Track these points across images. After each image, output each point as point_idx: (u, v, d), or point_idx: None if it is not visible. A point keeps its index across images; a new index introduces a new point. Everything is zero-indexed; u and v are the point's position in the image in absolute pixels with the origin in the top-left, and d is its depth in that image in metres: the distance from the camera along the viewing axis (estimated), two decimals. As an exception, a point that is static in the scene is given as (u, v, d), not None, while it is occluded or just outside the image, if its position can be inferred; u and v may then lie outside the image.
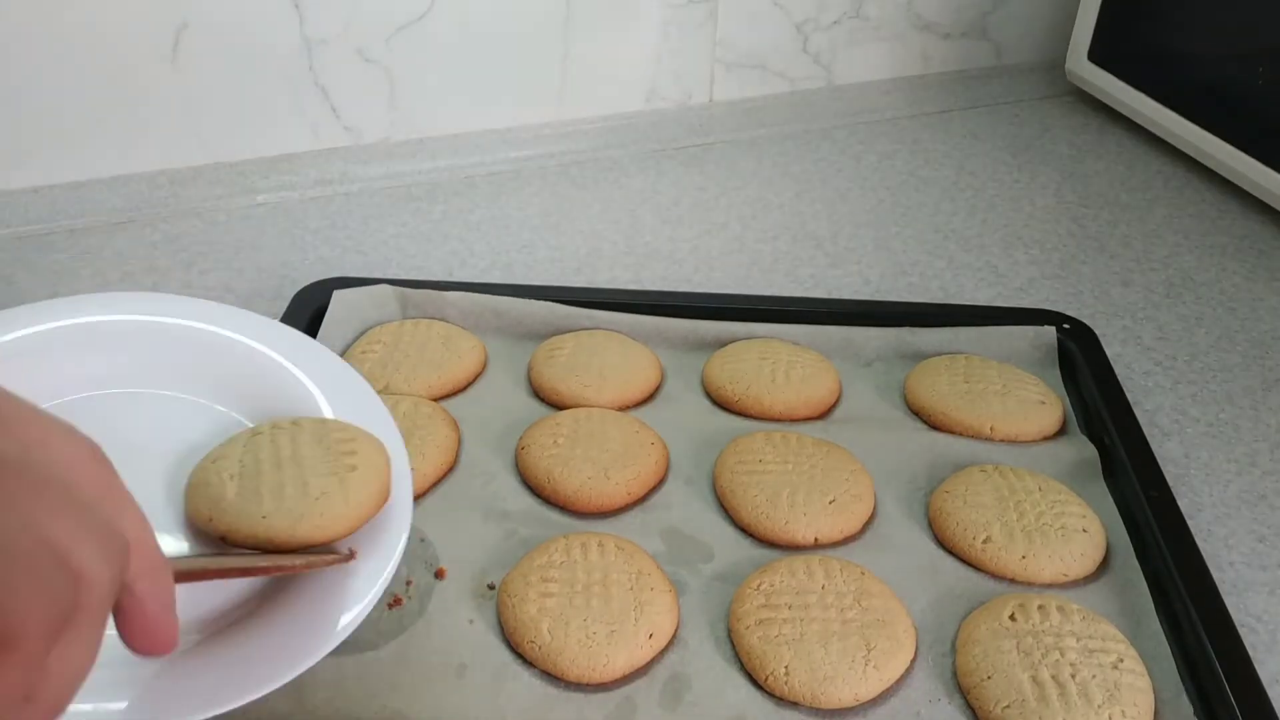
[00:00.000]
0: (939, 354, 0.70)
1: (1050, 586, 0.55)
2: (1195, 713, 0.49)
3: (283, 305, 0.71)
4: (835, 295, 0.81)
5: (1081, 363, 0.70)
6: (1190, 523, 0.58)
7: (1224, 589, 0.55)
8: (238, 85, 0.88)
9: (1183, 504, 0.60)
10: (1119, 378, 0.69)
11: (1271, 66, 0.86)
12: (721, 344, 0.71)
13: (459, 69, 0.94)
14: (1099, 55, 1.04)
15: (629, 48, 0.99)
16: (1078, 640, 0.50)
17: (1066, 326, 0.72)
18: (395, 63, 0.92)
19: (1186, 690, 0.50)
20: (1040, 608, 0.52)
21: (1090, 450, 0.63)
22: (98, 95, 0.84)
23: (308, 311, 0.70)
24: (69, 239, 0.84)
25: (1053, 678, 0.48)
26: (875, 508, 0.60)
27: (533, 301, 0.72)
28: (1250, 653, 0.51)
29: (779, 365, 0.67)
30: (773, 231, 0.89)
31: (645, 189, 0.95)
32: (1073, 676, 0.48)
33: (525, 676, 0.49)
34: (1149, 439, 0.64)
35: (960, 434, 0.65)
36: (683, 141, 1.02)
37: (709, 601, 0.54)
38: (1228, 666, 0.50)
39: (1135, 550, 0.57)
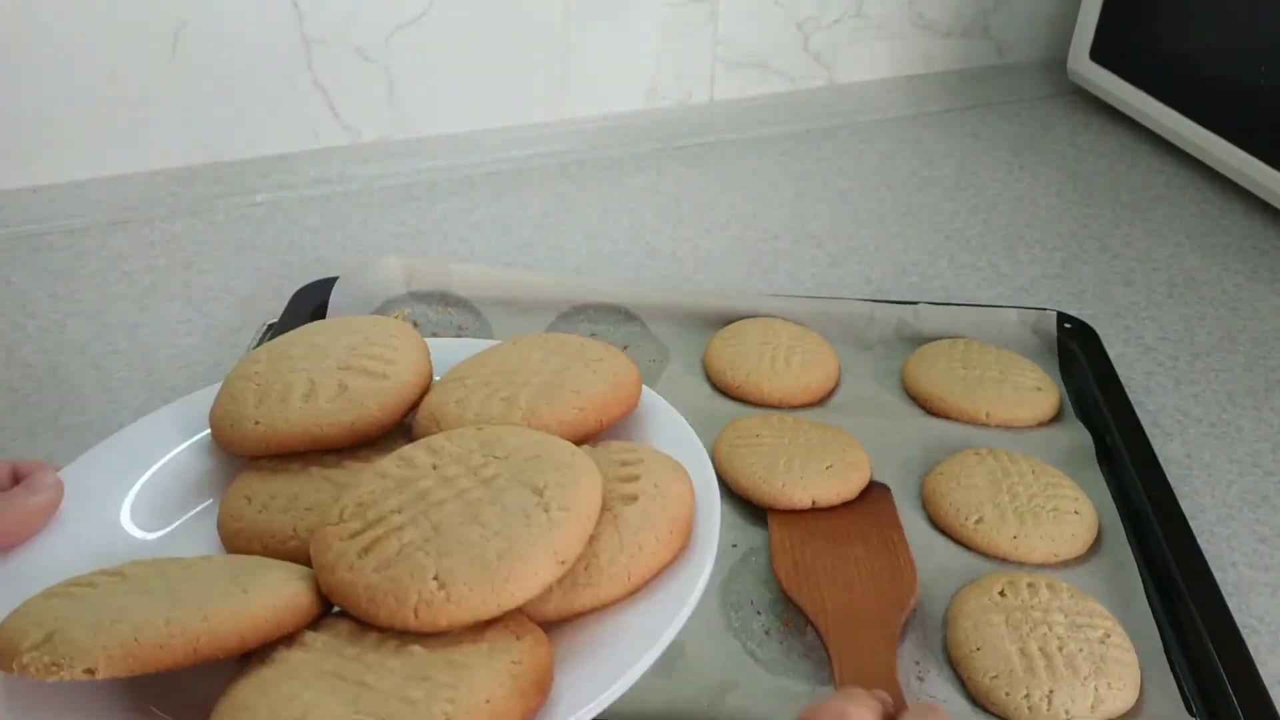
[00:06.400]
0: (939, 338, 0.71)
1: (1041, 566, 0.56)
2: (1182, 690, 0.50)
3: (281, 305, 0.71)
4: (837, 295, 0.81)
5: (1083, 362, 0.69)
6: (1192, 524, 0.58)
7: (1226, 590, 0.55)
8: (237, 85, 0.88)
9: (1185, 505, 0.59)
10: (1121, 378, 0.68)
11: (1273, 65, 0.86)
12: (725, 321, 0.71)
13: (459, 68, 0.94)
14: (1101, 54, 1.04)
15: (629, 47, 0.99)
16: (1065, 616, 0.51)
17: (1068, 326, 0.72)
18: (394, 62, 0.91)
19: (1188, 690, 0.50)
20: (1030, 585, 0.53)
21: (1085, 436, 0.64)
22: (97, 95, 0.84)
23: (307, 311, 0.70)
24: (67, 239, 0.84)
25: (1040, 650, 0.49)
26: (872, 480, 0.60)
27: (537, 274, 0.73)
28: (1253, 654, 0.51)
29: (779, 350, 0.68)
30: (774, 231, 0.89)
31: (645, 188, 0.94)
32: (1060, 649, 0.49)
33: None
34: (1151, 439, 0.64)
35: (957, 419, 0.65)
36: (683, 141, 1.02)
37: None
38: (1230, 668, 0.50)
39: (1137, 551, 0.57)
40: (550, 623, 0.36)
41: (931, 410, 0.66)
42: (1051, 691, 0.48)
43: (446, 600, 0.33)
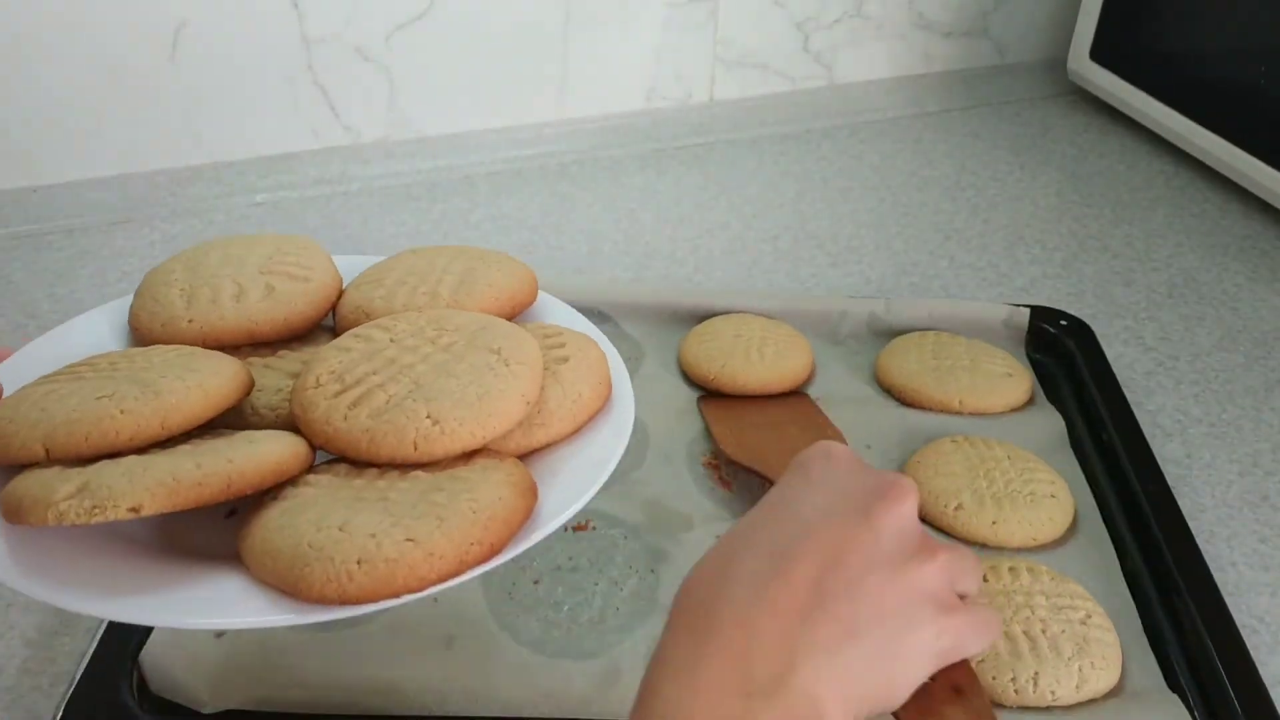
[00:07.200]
0: (910, 330, 0.71)
1: (1020, 550, 0.57)
2: (1179, 673, 0.50)
3: (281, 305, 0.71)
4: (833, 294, 0.81)
5: (1080, 360, 0.70)
6: (1192, 524, 0.58)
7: (1226, 590, 0.55)
8: (237, 84, 0.88)
9: (1184, 505, 0.59)
10: (1122, 379, 0.68)
11: (1273, 65, 0.86)
12: (698, 319, 0.72)
13: (459, 69, 0.94)
14: (1101, 54, 1.04)
15: (629, 47, 0.99)
16: (1047, 599, 0.52)
17: (1064, 323, 0.72)
18: (395, 62, 0.91)
19: (1188, 688, 0.50)
20: (1011, 569, 0.53)
21: (1057, 420, 0.65)
22: (97, 95, 0.84)
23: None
24: (67, 238, 0.84)
25: (1024, 632, 0.50)
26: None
27: None
28: (1253, 654, 0.51)
29: (753, 342, 0.68)
30: (773, 231, 0.89)
31: (645, 189, 0.94)
32: (1043, 631, 0.50)
33: (513, 647, 0.50)
34: (1150, 439, 0.64)
35: (931, 409, 0.66)
36: (683, 141, 1.02)
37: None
38: (1230, 667, 0.50)
39: (1137, 550, 0.57)
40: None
41: (905, 401, 0.67)
42: (1037, 674, 0.48)
43: (441, 434, 0.39)
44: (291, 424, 0.43)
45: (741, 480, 0.61)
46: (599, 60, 0.98)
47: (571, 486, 0.41)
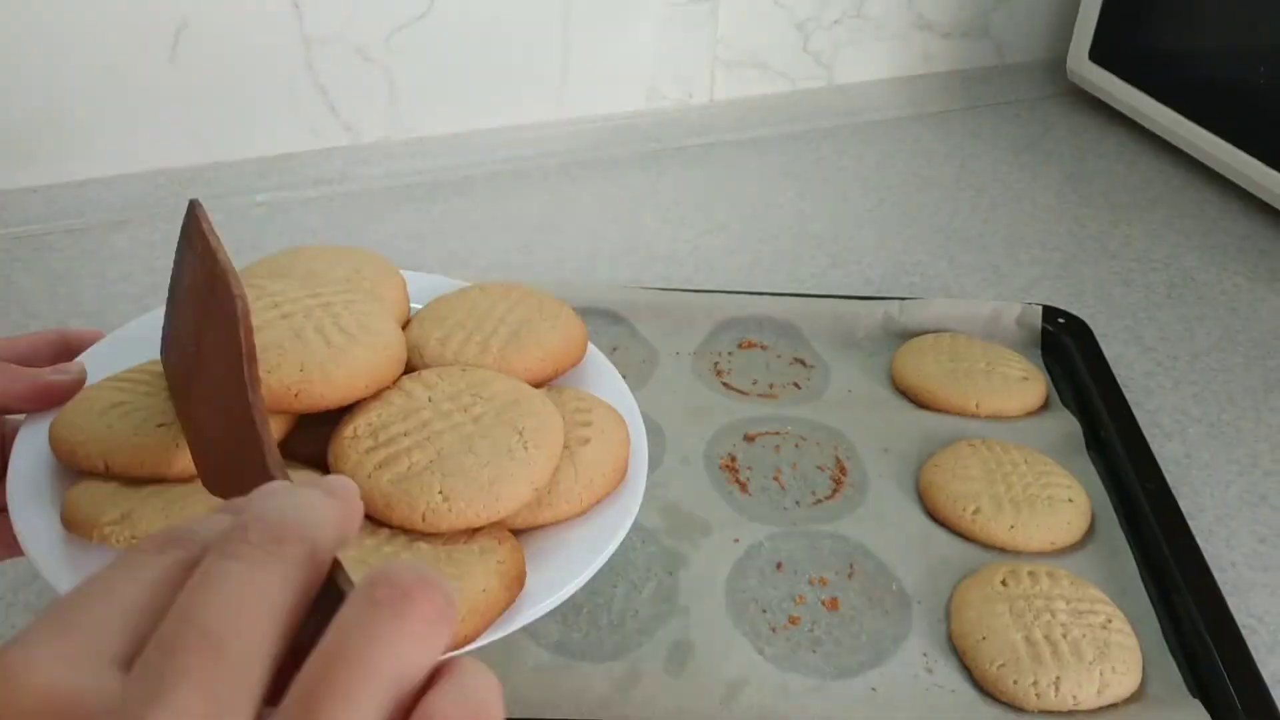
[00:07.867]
0: (925, 332, 0.72)
1: (1039, 554, 0.57)
2: (1182, 673, 0.51)
3: (281, 305, 0.71)
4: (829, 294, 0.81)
5: (1076, 356, 0.70)
6: (1191, 523, 0.58)
7: (1226, 590, 0.55)
8: (237, 84, 0.88)
9: (1184, 504, 0.60)
10: (1121, 379, 0.69)
11: (1272, 65, 0.86)
12: (714, 322, 0.73)
13: (459, 68, 0.94)
14: (1100, 55, 1.04)
15: (629, 46, 0.99)
16: (1067, 603, 0.52)
17: (1061, 321, 0.73)
18: (395, 62, 0.91)
19: (1186, 681, 0.50)
20: (1030, 573, 0.54)
21: (1073, 424, 0.65)
22: (97, 95, 0.84)
23: (306, 311, 0.70)
24: (67, 239, 0.84)
25: (1045, 637, 0.50)
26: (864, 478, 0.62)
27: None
28: (1253, 654, 0.51)
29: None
30: (773, 231, 0.89)
31: (645, 189, 0.94)
32: (1064, 636, 0.50)
33: (533, 649, 0.51)
34: (1150, 440, 0.64)
35: (947, 411, 0.66)
36: (683, 141, 1.02)
37: (709, 572, 0.55)
38: (1231, 667, 0.50)
39: (1136, 549, 0.57)
40: (518, 531, 0.44)
41: (921, 403, 0.67)
42: (1059, 678, 0.49)
43: (449, 511, 0.41)
44: None
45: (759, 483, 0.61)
46: (599, 60, 0.98)
47: (563, 569, 0.43)
